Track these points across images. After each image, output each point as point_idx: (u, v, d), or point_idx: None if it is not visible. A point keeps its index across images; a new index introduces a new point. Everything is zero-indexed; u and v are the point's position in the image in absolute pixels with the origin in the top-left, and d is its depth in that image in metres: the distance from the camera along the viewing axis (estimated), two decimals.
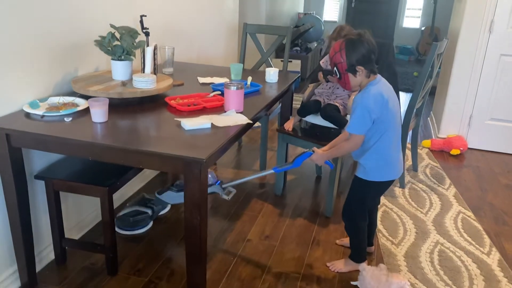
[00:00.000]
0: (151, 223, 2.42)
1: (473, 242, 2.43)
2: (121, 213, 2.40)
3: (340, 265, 2.14)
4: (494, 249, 2.38)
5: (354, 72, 1.76)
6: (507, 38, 3.53)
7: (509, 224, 2.66)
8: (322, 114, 2.54)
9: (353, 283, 2.03)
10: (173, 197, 2.19)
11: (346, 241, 2.34)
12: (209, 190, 2.08)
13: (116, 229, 2.31)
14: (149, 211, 2.41)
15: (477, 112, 3.79)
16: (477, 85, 3.72)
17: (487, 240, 2.45)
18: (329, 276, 2.11)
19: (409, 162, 3.41)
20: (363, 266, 2.01)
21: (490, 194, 3.04)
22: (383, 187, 2.00)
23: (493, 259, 2.29)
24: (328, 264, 2.17)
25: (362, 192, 1.99)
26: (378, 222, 2.57)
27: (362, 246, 2.13)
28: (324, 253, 2.28)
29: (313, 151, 1.95)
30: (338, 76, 1.82)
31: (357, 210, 2.03)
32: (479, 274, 2.16)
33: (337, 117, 2.50)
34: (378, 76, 1.82)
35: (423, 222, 2.61)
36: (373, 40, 1.77)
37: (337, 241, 2.36)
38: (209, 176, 2.12)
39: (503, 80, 3.63)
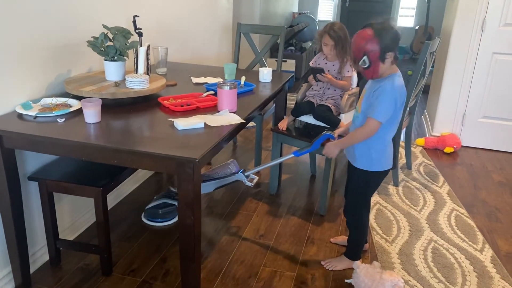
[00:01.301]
0: (177, 215, 2.49)
1: (466, 239, 2.44)
2: (149, 206, 2.50)
3: (335, 263, 2.16)
4: (487, 245, 2.40)
5: (384, 59, 1.75)
6: (499, 37, 3.55)
7: (501, 221, 2.68)
8: (315, 115, 2.56)
9: (347, 280, 2.05)
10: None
11: (340, 239, 2.35)
12: (232, 178, 2.17)
13: (145, 220, 2.47)
14: (176, 203, 2.48)
15: (470, 110, 3.82)
16: (470, 83, 3.74)
17: (480, 237, 2.47)
18: (323, 274, 2.12)
19: (403, 160, 3.43)
20: (357, 264, 2.02)
21: (483, 191, 3.06)
22: (382, 177, 2.00)
23: (486, 255, 2.31)
24: (322, 262, 2.18)
25: (367, 184, 2.00)
26: (372, 220, 2.59)
27: (360, 244, 2.14)
28: (318, 251, 2.29)
29: (331, 134, 2.00)
30: (367, 65, 1.76)
31: (362, 203, 2.04)
32: (472, 271, 2.17)
33: (329, 117, 2.51)
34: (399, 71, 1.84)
35: (416, 219, 2.62)
36: (396, 27, 1.76)
37: (331, 239, 2.37)
38: (232, 164, 2.21)
39: (495, 78, 3.65)
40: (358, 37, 1.77)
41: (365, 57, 1.75)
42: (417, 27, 7.96)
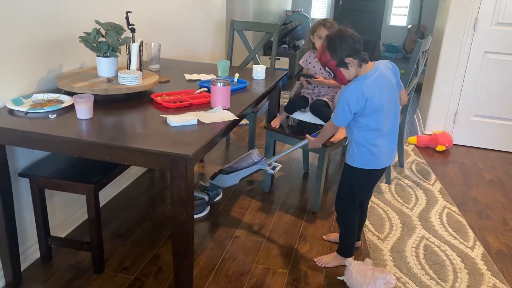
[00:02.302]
0: (208, 208, 2.57)
1: (458, 236, 2.46)
2: None
3: (327, 260, 2.16)
4: (478, 243, 2.42)
5: (345, 65, 1.78)
6: (491, 36, 3.58)
7: (492, 218, 2.71)
8: (312, 109, 2.56)
9: (339, 278, 2.05)
10: (225, 180, 2.35)
11: (332, 236, 2.36)
12: (255, 167, 2.25)
13: None
14: (206, 197, 2.53)
15: (462, 109, 3.84)
16: (462, 82, 3.77)
17: (471, 234, 2.49)
18: (316, 271, 2.12)
19: (395, 159, 3.44)
20: (349, 261, 2.03)
21: (475, 189, 3.09)
22: (368, 176, 1.99)
23: (477, 252, 2.33)
24: (315, 259, 2.18)
25: (349, 179, 2.01)
26: None
27: (351, 241, 2.14)
28: (311, 248, 2.30)
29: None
30: (332, 75, 1.84)
31: (346, 199, 2.05)
32: (463, 268, 2.19)
33: (326, 112, 2.51)
34: (374, 68, 1.82)
35: (408, 217, 2.64)
36: (355, 33, 1.80)
37: (324, 237, 2.38)
38: (254, 153, 2.29)
39: (487, 77, 3.68)
40: (318, 51, 1.86)
41: (327, 68, 1.84)
42: (409, 26, 8.00)
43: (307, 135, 2.14)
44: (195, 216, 2.48)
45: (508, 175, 3.36)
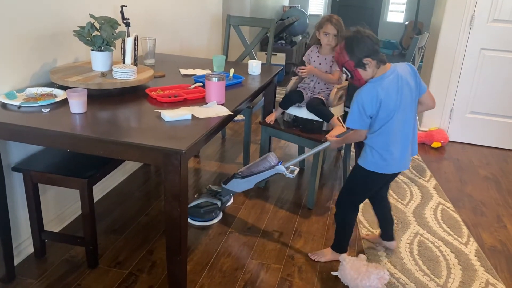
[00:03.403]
0: (221, 214, 2.48)
1: (452, 233, 2.47)
2: (191, 204, 2.43)
3: (321, 255, 2.17)
4: (471, 239, 2.43)
5: (363, 66, 1.77)
6: (487, 33, 3.58)
7: (486, 215, 2.72)
8: (308, 107, 2.55)
9: (333, 273, 2.06)
10: (239, 185, 2.30)
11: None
12: (273, 171, 2.19)
13: (188, 219, 2.39)
14: (218, 203, 2.45)
15: (458, 106, 3.85)
16: (458, 79, 3.77)
17: (465, 231, 2.50)
18: (310, 266, 2.13)
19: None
20: (343, 256, 2.03)
21: (469, 186, 3.10)
22: (377, 179, 1.95)
23: (471, 249, 2.34)
24: (309, 254, 2.19)
25: (358, 179, 2.01)
26: (360, 214, 2.60)
27: (346, 237, 2.14)
28: (305, 244, 2.30)
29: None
30: (349, 75, 1.83)
31: (350, 197, 2.05)
32: (456, 264, 2.20)
33: (323, 110, 2.51)
34: (390, 70, 1.80)
35: (403, 213, 2.65)
36: (373, 33, 1.79)
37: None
38: (271, 156, 2.23)
39: (483, 74, 3.69)
40: (335, 52, 1.86)
41: (344, 69, 1.83)
42: (406, 23, 7.99)
43: (328, 136, 2.09)
44: (208, 223, 2.41)
45: (503, 172, 3.37)
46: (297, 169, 2.27)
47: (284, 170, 2.19)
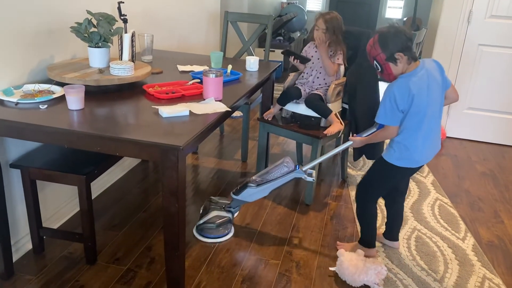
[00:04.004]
0: (233, 229, 2.31)
1: (449, 228, 2.48)
2: (201, 221, 2.24)
3: (347, 247, 2.16)
4: (469, 234, 2.44)
5: (395, 61, 1.79)
6: (485, 28, 3.58)
7: (484, 210, 2.73)
8: (307, 102, 2.56)
9: (331, 268, 2.07)
10: (254, 194, 2.16)
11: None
12: (291, 176, 2.11)
13: (200, 237, 2.23)
14: (230, 215, 2.27)
15: (456, 102, 3.84)
16: (456, 75, 3.77)
17: (462, 226, 2.51)
18: (308, 262, 2.13)
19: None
20: (341, 252, 2.04)
21: (467, 182, 3.11)
22: (399, 174, 1.97)
23: (468, 244, 2.35)
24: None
25: (379, 172, 2.02)
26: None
27: (371, 233, 2.13)
28: (303, 239, 2.31)
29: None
30: (379, 69, 1.83)
31: (368, 192, 2.06)
32: (454, 259, 2.21)
33: (321, 106, 2.52)
34: (420, 66, 1.82)
35: None
36: (406, 29, 1.81)
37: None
38: (288, 161, 2.15)
39: (480, 70, 3.69)
40: (368, 44, 1.85)
41: (375, 62, 1.83)
42: (405, 19, 7.98)
43: (351, 137, 2.07)
44: (222, 239, 2.23)
45: (500, 167, 3.38)
46: (313, 171, 2.22)
47: (303, 174, 2.12)
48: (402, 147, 1.88)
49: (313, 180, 2.18)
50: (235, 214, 2.38)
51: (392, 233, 2.25)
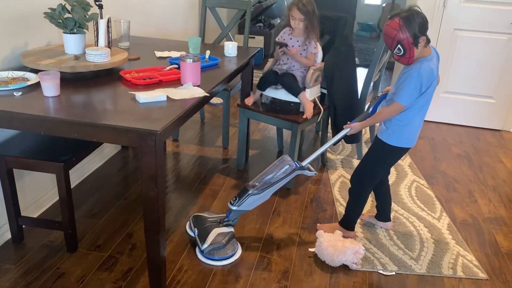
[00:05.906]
0: (239, 244, 2.12)
1: (425, 208, 2.55)
2: (206, 245, 2.01)
3: (326, 229, 2.18)
4: (444, 214, 2.51)
5: (417, 44, 1.80)
6: (460, 13, 3.64)
7: (459, 190, 2.81)
8: (280, 79, 2.58)
9: (311, 249, 2.11)
10: (257, 200, 2.05)
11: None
12: (293, 175, 2.09)
13: (210, 261, 2.01)
14: (232, 229, 2.10)
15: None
16: None
17: (438, 206, 2.59)
18: (288, 244, 2.17)
19: (367, 135, 3.51)
20: (320, 233, 2.08)
21: (443, 163, 3.18)
22: (398, 154, 2.06)
23: (443, 223, 2.42)
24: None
25: (379, 154, 2.06)
26: (336, 192, 2.66)
27: (357, 214, 2.19)
28: (284, 222, 2.34)
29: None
30: (402, 52, 1.81)
31: (367, 173, 2.10)
32: (429, 238, 2.28)
33: (293, 84, 2.54)
34: (432, 51, 1.88)
35: None
36: (421, 11, 1.83)
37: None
38: (289, 160, 2.11)
39: (456, 54, 3.76)
40: (389, 27, 1.82)
41: (399, 45, 1.81)
42: (384, 5, 8.03)
43: (346, 125, 2.07)
44: (233, 258, 2.04)
45: (475, 149, 3.47)
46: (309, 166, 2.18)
47: (305, 170, 2.10)
48: (409, 128, 1.95)
49: (315, 173, 2.15)
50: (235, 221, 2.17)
51: (385, 213, 2.31)
